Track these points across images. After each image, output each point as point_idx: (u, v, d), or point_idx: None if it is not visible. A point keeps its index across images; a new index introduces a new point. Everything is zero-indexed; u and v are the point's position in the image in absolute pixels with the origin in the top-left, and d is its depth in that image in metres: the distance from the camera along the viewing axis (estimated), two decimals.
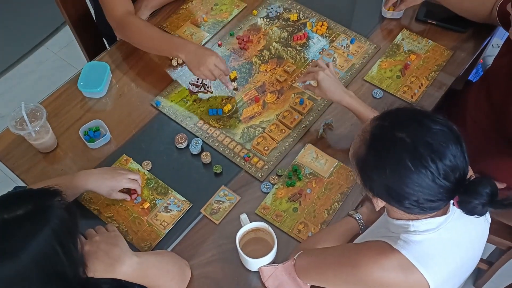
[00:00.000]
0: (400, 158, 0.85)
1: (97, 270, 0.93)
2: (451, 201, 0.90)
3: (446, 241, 0.94)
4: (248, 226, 1.16)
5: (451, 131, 0.88)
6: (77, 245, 0.85)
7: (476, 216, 0.86)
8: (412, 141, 0.85)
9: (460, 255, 0.97)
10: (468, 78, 1.87)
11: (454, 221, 0.94)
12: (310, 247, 1.14)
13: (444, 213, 0.94)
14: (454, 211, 0.94)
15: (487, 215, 1.03)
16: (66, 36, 2.62)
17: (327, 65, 1.32)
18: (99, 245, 0.97)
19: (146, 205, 1.28)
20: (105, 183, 1.20)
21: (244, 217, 1.20)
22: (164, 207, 1.28)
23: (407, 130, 0.86)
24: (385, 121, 0.91)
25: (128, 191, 1.28)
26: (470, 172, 0.90)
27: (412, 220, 0.93)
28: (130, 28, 1.45)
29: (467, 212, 0.86)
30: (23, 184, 1.35)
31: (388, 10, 1.60)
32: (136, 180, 1.24)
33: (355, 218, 1.19)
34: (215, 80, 1.39)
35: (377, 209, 0.97)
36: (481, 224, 1.01)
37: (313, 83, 1.34)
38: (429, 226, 0.93)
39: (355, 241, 1.11)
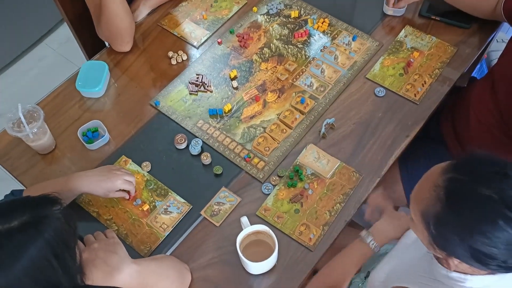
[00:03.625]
0: (489, 218, 0.77)
1: (95, 278, 0.92)
2: None
3: None
4: (248, 229, 1.15)
5: None
6: (75, 254, 0.84)
7: None
8: (501, 198, 0.77)
9: None
10: (472, 75, 1.84)
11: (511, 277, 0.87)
12: (327, 284, 1.08)
13: None
14: None
15: None
16: (66, 33, 2.58)
17: None
18: (97, 252, 0.95)
19: (146, 207, 1.26)
20: (100, 185, 1.17)
21: (244, 220, 1.18)
22: (164, 209, 1.26)
23: (492, 186, 0.79)
24: (462, 175, 0.82)
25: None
26: None
27: (470, 274, 0.86)
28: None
29: None
30: (21, 185, 1.34)
31: (390, 7, 1.57)
32: (131, 181, 1.22)
33: (367, 243, 1.12)
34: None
35: (452, 269, 0.88)
36: None
37: None
38: (486, 283, 0.85)
39: (384, 271, 1.03)
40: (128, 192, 1.24)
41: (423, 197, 0.86)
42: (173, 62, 1.51)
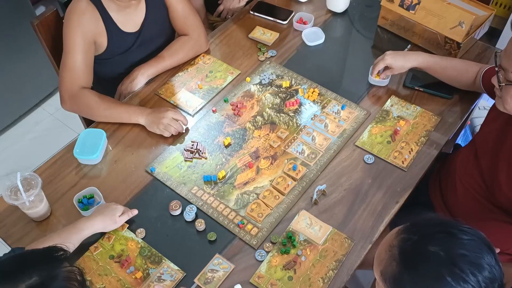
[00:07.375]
0: (438, 274, 0.82)
1: None
2: None
3: None
4: None
5: (481, 240, 0.86)
6: None
7: None
8: (447, 255, 0.83)
9: None
10: (457, 141, 1.91)
11: None
12: None
13: None
14: None
15: None
16: None
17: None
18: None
19: (139, 275, 1.26)
20: (104, 219, 1.28)
21: None
22: (157, 276, 1.26)
23: (439, 243, 0.84)
24: (412, 234, 0.88)
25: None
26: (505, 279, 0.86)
27: None
28: (85, 100, 1.56)
29: None
30: None
31: (375, 78, 1.66)
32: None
33: None
34: (177, 133, 1.52)
35: None
36: None
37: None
38: None
39: None
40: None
41: (381, 258, 0.91)
42: None
